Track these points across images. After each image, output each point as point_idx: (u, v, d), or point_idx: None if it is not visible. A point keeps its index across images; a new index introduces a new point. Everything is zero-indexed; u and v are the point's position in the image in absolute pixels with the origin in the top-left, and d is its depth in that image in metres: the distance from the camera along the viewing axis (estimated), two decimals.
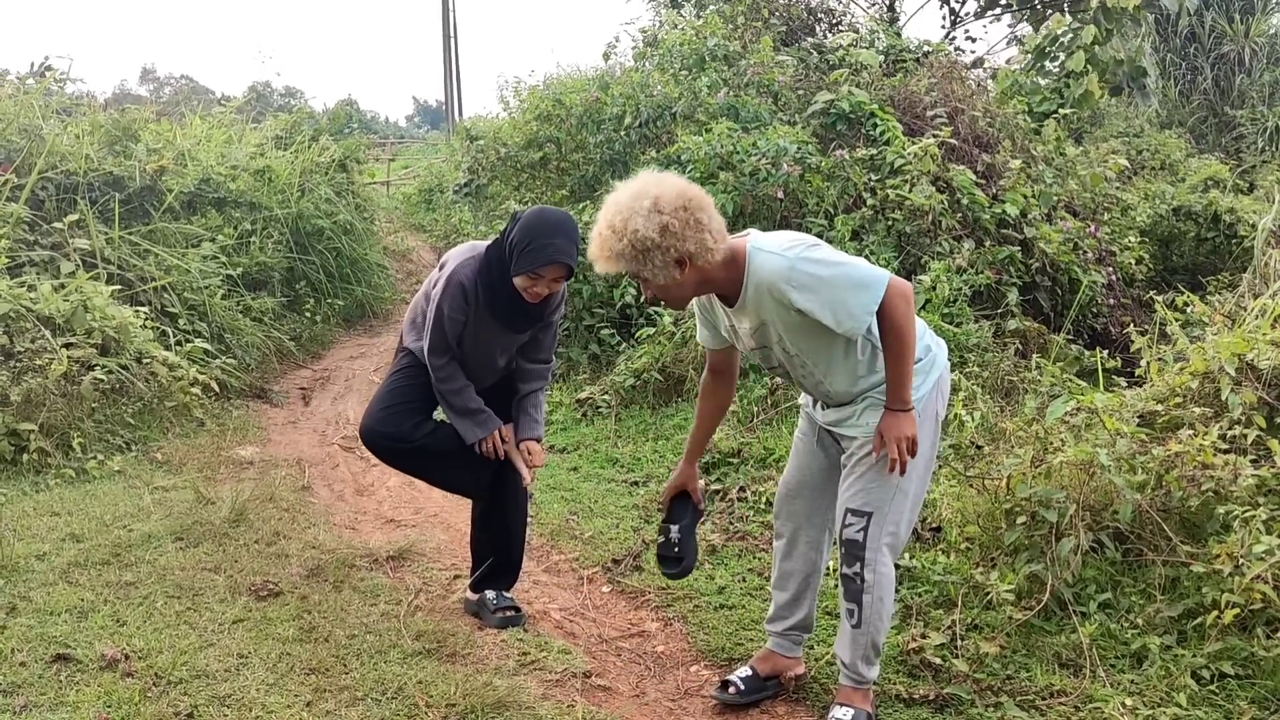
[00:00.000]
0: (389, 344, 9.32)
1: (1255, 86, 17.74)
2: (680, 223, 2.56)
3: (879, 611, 2.79)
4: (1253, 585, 2.92)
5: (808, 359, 2.76)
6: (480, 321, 3.40)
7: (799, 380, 2.87)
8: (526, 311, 3.40)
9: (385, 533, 4.79)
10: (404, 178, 22.41)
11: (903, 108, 7.88)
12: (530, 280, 3.24)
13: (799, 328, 2.69)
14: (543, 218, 3.30)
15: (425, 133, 47.08)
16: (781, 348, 2.77)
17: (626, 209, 2.59)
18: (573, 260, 3.25)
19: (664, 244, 2.55)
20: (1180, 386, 4.02)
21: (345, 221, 10.18)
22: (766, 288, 2.64)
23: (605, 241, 2.62)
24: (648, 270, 2.60)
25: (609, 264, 2.66)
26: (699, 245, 2.58)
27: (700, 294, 2.78)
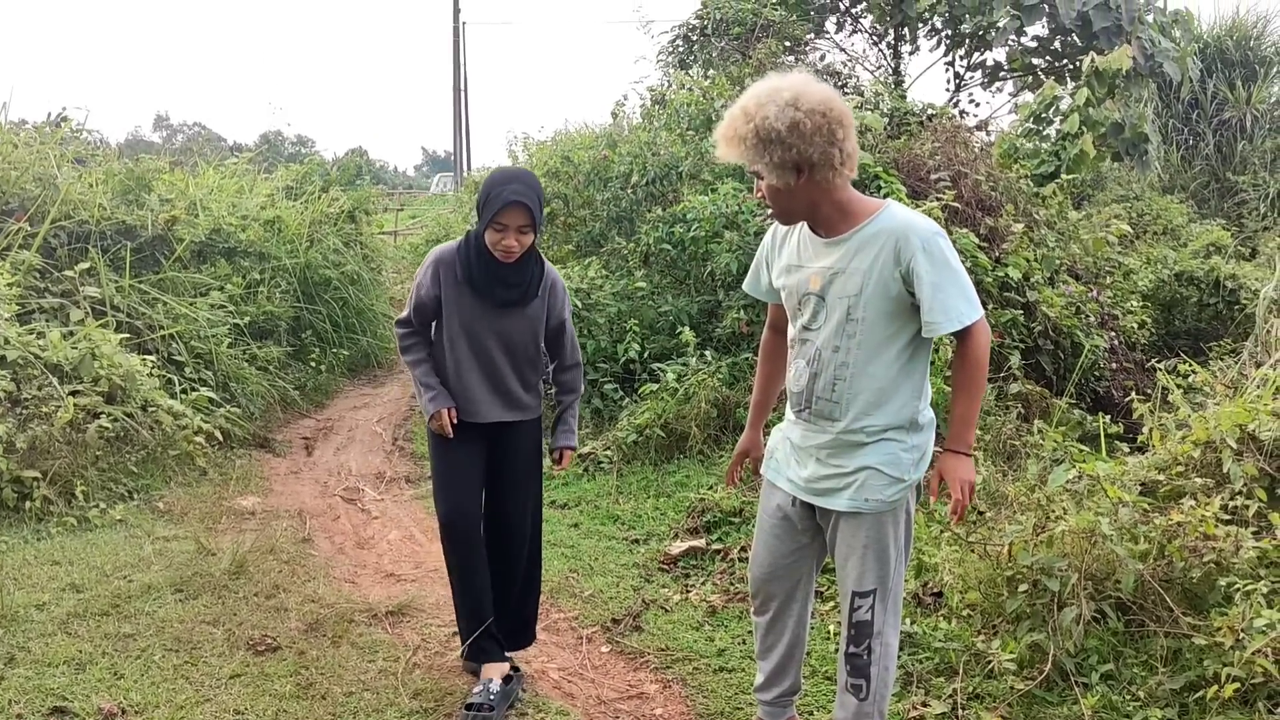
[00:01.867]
0: (393, 394, 9.34)
1: (1257, 153, 17.89)
2: (813, 125, 2.41)
3: (885, 680, 2.76)
4: (1254, 659, 2.91)
5: (860, 336, 2.55)
6: (463, 300, 3.41)
7: (817, 366, 2.64)
8: (504, 278, 3.38)
9: (385, 587, 4.78)
10: (412, 228, 22.60)
11: (907, 170, 7.98)
12: (496, 233, 3.27)
13: (883, 296, 2.52)
14: (501, 171, 3.47)
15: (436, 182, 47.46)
16: (845, 306, 2.56)
17: (764, 95, 2.45)
18: (530, 201, 3.25)
19: (789, 140, 2.41)
20: (1182, 455, 4.03)
21: (352, 272, 10.26)
22: (896, 232, 2.50)
23: (733, 122, 2.49)
24: (764, 164, 2.46)
25: (730, 147, 2.52)
26: (823, 156, 2.44)
27: (808, 216, 2.60)
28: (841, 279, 2.55)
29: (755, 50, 10.37)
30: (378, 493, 6.41)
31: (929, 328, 2.52)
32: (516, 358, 3.53)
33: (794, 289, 2.67)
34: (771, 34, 10.95)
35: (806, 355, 2.66)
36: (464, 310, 3.42)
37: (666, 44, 12.11)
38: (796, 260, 2.68)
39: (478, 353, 3.47)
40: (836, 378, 2.60)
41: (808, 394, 2.67)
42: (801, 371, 2.68)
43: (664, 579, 4.75)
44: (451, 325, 3.44)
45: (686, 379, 6.64)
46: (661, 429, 6.48)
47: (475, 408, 3.50)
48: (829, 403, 2.62)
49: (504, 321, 3.46)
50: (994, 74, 15.08)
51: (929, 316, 2.50)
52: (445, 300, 3.42)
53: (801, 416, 2.71)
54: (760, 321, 7.12)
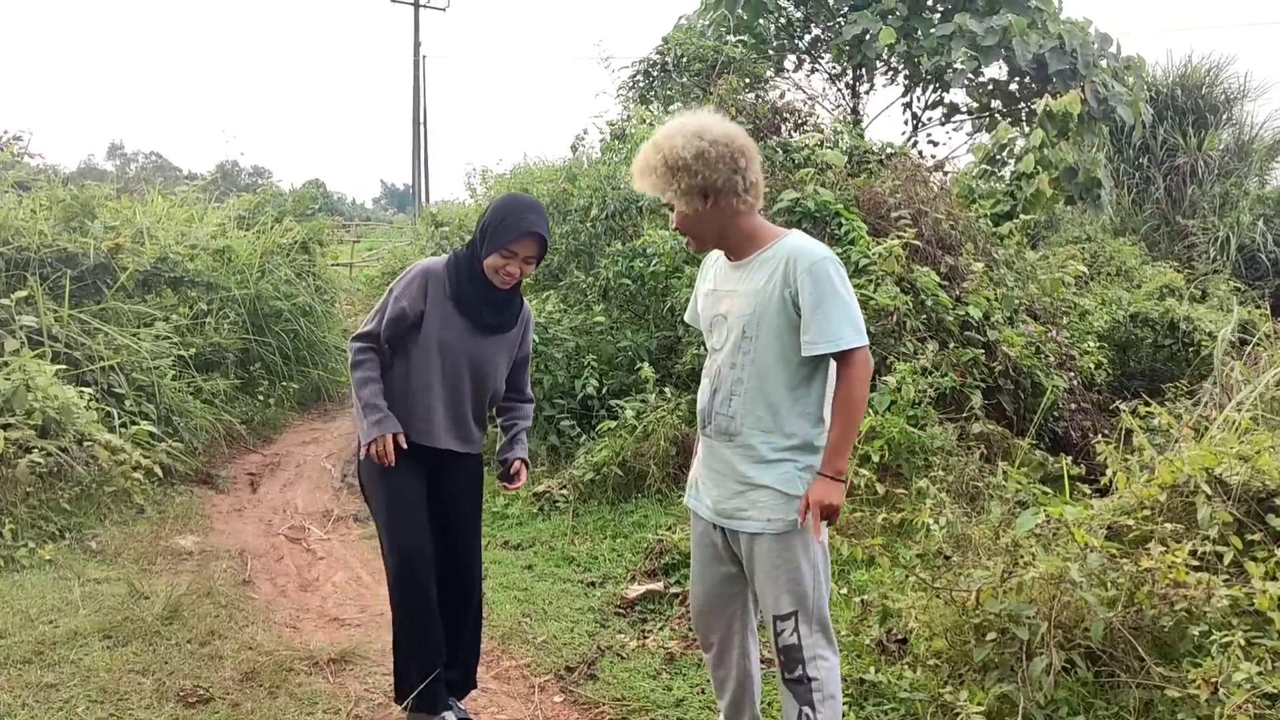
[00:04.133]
0: (344, 429, 9.11)
1: (1206, 198, 18.22)
2: (717, 154, 2.60)
3: (834, 710, 2.72)
4: (1234, 715, 2.81)
5: (754, 354, 2.68)
6: (447, 317, 3.34)
7: (717, 383, 2.77)
8: (493, 303, 3.37)
9: (328, 632, 4.57)
10: (368, 260, 22.33)
11: (867, 208, 7.93)
12: (503, 258, 3.26)
13: (775, 315, 2.65)
14: (516, 198, 3.44)
15: (392, 215, 47.26)
16: (740, 326, 2.70)
17: (673, 129, 2.65)
18: (545, 233, 3.32)
19: (694, 168, 2.59)
20: (1149, 499, 3.95)
21: (304, 303, 10.05)
22: (787, 256, 2.64)
23: (645, 155, 2.67)
24: (673, 190, 2.63)
25: (643, 178, 2.69)
26: (727, 183, 2.61)
27: (719, 242, 2.77)
28: (739, 300, 2.71)
29: (715, 87, 10.35)
30: (324, 532, 6.19)
31: (806, 347, 2.63)
32: (482, 387, 3.47)
33: (707, 311, 2.85)
34: (732, 71, 10.95)
35: (710, 373, 2.81)
36: (446, 328, 3.34)
37: (627, 79, 12.08)
38: (713, 285, 2.85)
39: (448, 374, 3.37)
40: (732, 394, 2.72)
41: (709, 409, 2.79)
42: (704, 388, 2.82)
43: (620, 624, 4.58)
44: (429, 341, 3.34)
45: (645, 416, 6.50)
46: (619, 467, 6.32)
47: (432, 431, 3.38)
48: (726, 418, 2.74)
49: (481, 347, 3.41)
50: (951, 113, 15.23)
51: (806, 336, 2.62)
52: (429, 314, 3.33)
53: (705, 433, 2.83)
54: None
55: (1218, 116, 18.90)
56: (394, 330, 3.34)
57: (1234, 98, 18.92)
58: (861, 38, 12.41)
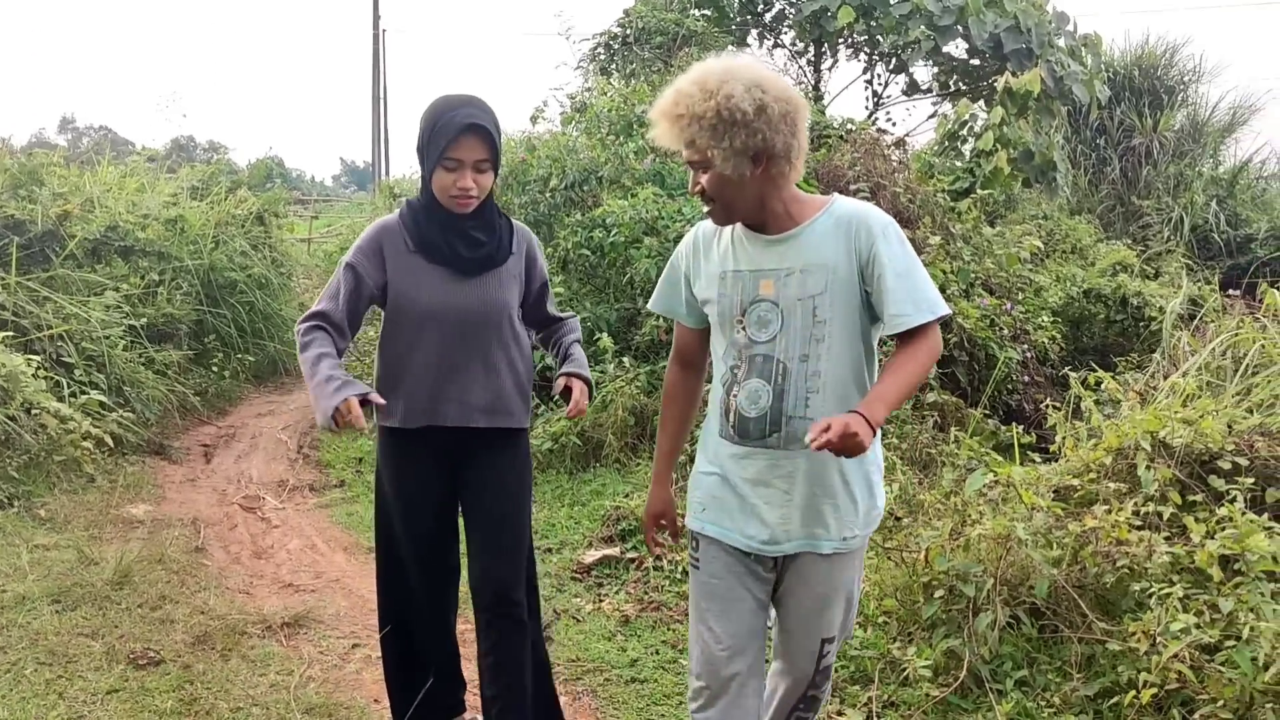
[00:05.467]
0: (300, 401, 9.03)
1: (1160, 178, 18.48)
2: (779, 113, 2.12)
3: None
4: (1170, 665, 2.88)
5: (828, 340, 2.20)
6: (419, 276, 2.72)
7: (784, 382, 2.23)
8: (465, 235, 2.73)
9: (282, 598, 4.54)
10: (326, 236, 22.11)
11: (827, 181, 7.98)
12: (448, 172, 2.64)
13: (847, 290, 2.20)
14: (444, 98, 2.71)
15: (352, 193, 46.78)
16: (809, 308, 2.21)
17: (724, 72, 2.13)
18: (489, 126, 2.64)
19: (755, 125, 2.09)
20: (1095, 462, 4.03)
21: (260, 275, 9.92)
22: (853, 220, 2.19)
23: (686, 97, 2.12)
24: (721, 149, 2.11)
25: (674, 126, 2.15)
26: (784, 148, 2.14)
27: (752, 214, 2.24)
28: (799, 278, 2.21)
29: (676, 59, 10.32)
30: (279, 501, 6.15)
31: (896, 321, 2.17)
32: (495, 338, 2.80)
33: (735, 298, 2.27)
34: (693, 44, 10.93)
35: (764, 372, 2.24)
36: (421, 287, 2.72)
37: (588, 51, 12.02)
38: (734, 265, 2.29)
39: (445, 339, 2.74)
40: (809, 390, 2.21)
41: (774, 416, 2.23)
42: (759, 392, 2.24)
43: (577, 588, 4.60)
44: (407, 309, 2.73)
45: (604, 387, 6.51)
46: (578, 437, 6.33)
47: (441, 408, 2.77)
48: (803, 420, 2.21)
49: (473, 292, 2.75)
50: (912, 90, 15.31)
51: (897, 309, 2.16)
52: (395, 279, 2.72)
53: (762, 446, 2.26)
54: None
55: (1173, 98, 19.15)
56: (353, 305, 2.73)
57: (1189, 79, 19.17)
58: (821, 14, 12.42)
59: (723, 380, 2.32)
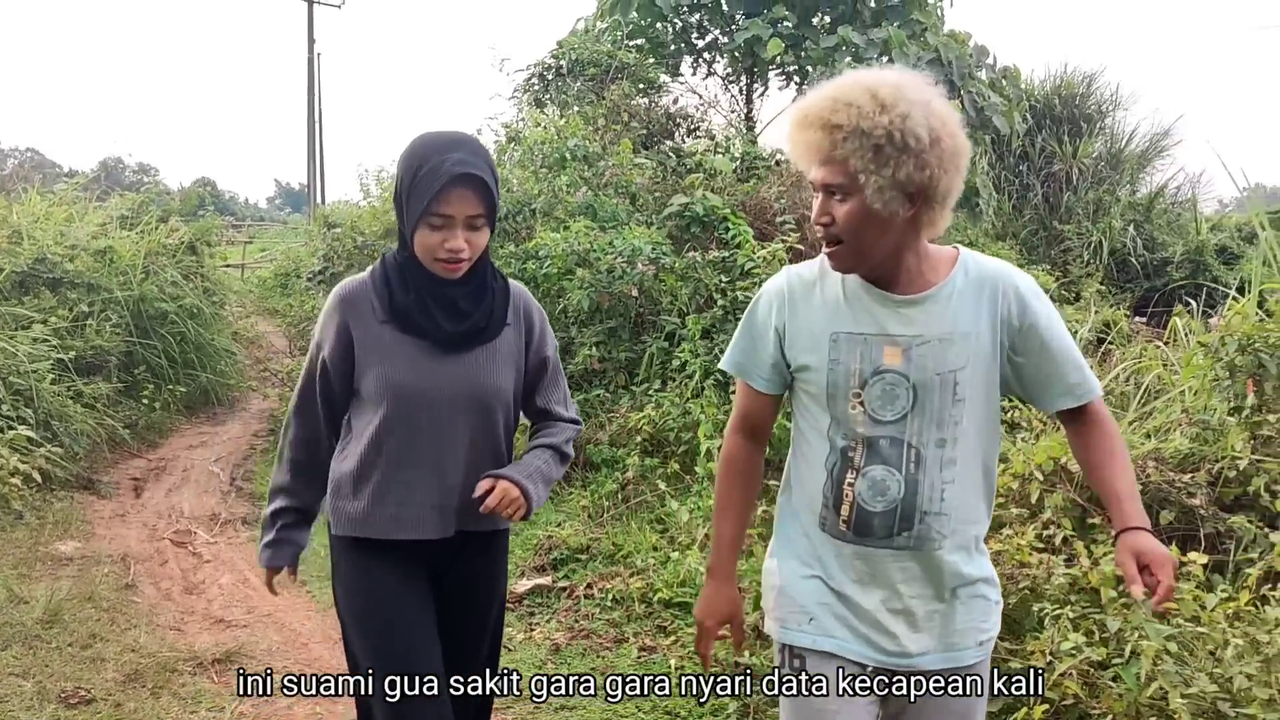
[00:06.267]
0: (232, 433, 9.00)
1: (1081, 204, 19.11)
2: (950, 149, 1.79)
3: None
4: (1061, 681, 3.06)
5: (966, 422, 1.89)
6: (387, 349, 2.22)
7: (917, 471, 1.88)
8: (453, 301, 2.23)
9: (213, 634, 4.57)
10: (260, 261, 21.95)
11: (754, 213, 8.20)
12: (433, 231, 2.14)
13: (989, 366, 1.89)
14: (428, 138, 2.20)
15: (288, 216, 46.36)
16: (948, 384, 1.87)
17: (898, 86, 1.78)
18: (485, 175, 2.15)
19: (925, 156, 1.75)
20: (1002, 487, 4.23)
21: (192, 305, 9.87)
22: (999, 281, 1.90)
23: (851, 106, 1.76)
24: (880, 176, 1.75)
25: (829, 139, 1.78)
26: (945, 193, 1.81)
27: (878, 264, 1.88)
28: (937, 348, 1.86)
29: (608, 91, 10.51)
30: (211, 535, 6.14)
31: (1079, 391, 1.91)
32: (489, 428, 2.33)
33: (852, 366, 1.90)
34: (625, 76, 11.13)
35: (891, 458, 1.89)
36: (392, 364, 2.22)
37: (522, 82, 12.16)
38: (850, 326, 1.91)
39: (421, 430, 2.24)
40: (945, 481, 1.89)
41: (905, 511, 1.89)
42: (884, 482, 1.89)
43: (508, 617, 4.68)
44: (376, 392, 2.23)
45: None
46: None
47: (418, 516, 2.26)
48: (938, 517, 1.89)
49: (461, 372, 2.25)
50: None
51: (1079, 376, 1.90)
52: (363, 356, 2.24)
53: (888, 546, 1.91)
54: (612, 359, 7.19)
55: (1092, 125, 19.83)
56: (325, 389, 2.31)
57: (1106, 108, 19.86)
58: (753, 43, 12.71)
59: (828, 464, 1.94)
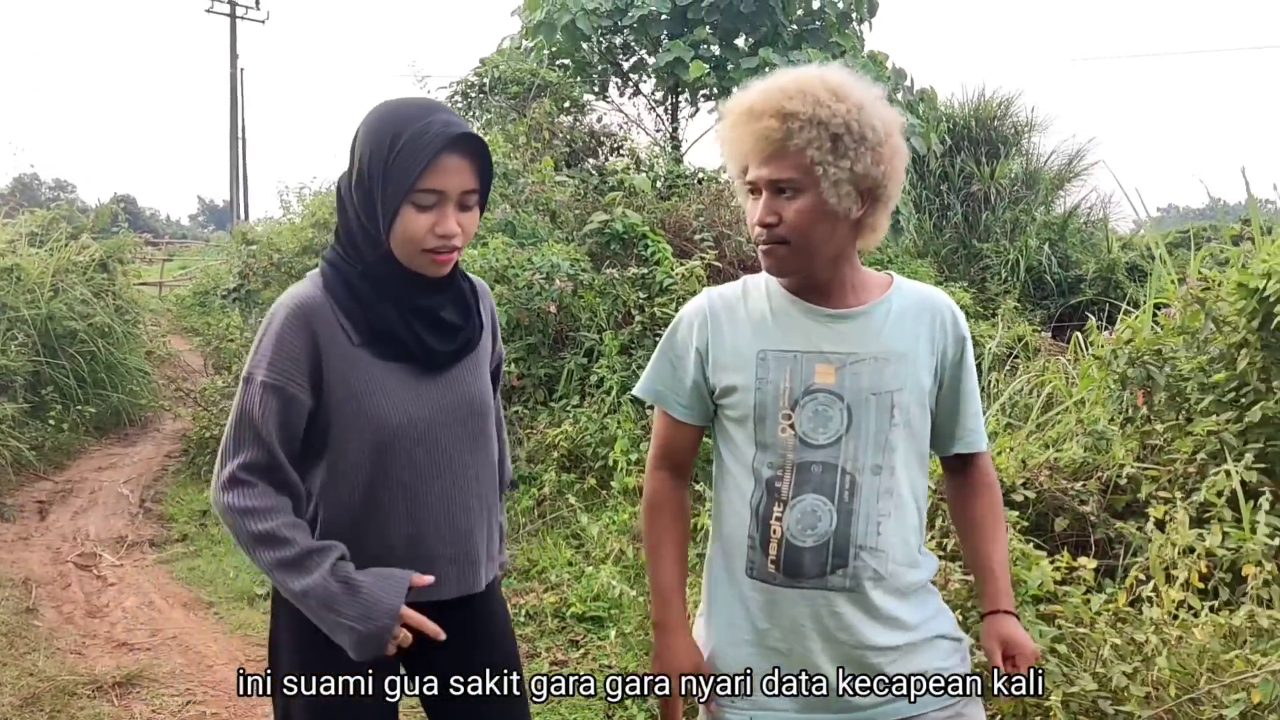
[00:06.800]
0: (144, 454, 8.80)
1: (999, 223, 19.61)
2: (898, 150, 1.69)
3: None
4: None
5: (902, 448, 1.74)
6: (373, 378, 1.76)
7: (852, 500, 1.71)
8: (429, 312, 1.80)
9: (115, 657, 4.46)
10: (180, 279, 21.52)
11: (674, 230, 8.28)
12: (425, 213, 1.70)
13: (923, 391, 1.77)
14: (395, 102, 1.77)
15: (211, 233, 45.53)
16: (885, 405, 1.72)
17: (848, 79, 1.67)
18: (478, 140, 1.76)
19: (881, 151, 1.65)
20: None
21: (103, 324, 9.64)
22: (939, 307, 1.80)
23: (805, 95, 1.62)
24: (838, 168, 1.62)
25: (782, 127, 1.62)
26: (891, 195, 1.72)
27: (818, 270, 1.74)
28: (872, 366, 1.72)
29: (531, 109, 10.54)
30: (117, 558, 6.00)
31: (973, 439, 1.84)
32: (488, 450, 1.93)
33: (781, 385, 1.73)
34: (548, 95, 11.17)
35: (824, 486, 1.70)
36: (384, 398, 1.76)
37: (444, 99, 12.12)
38: (778, 343, 1.75)
39: (417, 476, 1.80)
40: (880, 514, 1.72)
41: (838, 545, 1.70)
42: (815, 513, 1.70)
43: None
44: (362, 437, 1.76)
45: None
46: None
47: (436, 574, 1.81)
48: (874, 553, 1.71)
49: (452, 391, 1.84)
50: None
51: (972, 423, 1.84)
52: (339, 393, 1.74)
53: (820, 586, 1.71)
54: (531, 375, 7.20)
55: (1009, 147, 20.39)
56: (290, 434, 1.73)
57: (1023, 130, 20.44)
58: (676, 64, 12.86)
59: (752, 501, 1.74)
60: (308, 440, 1.77)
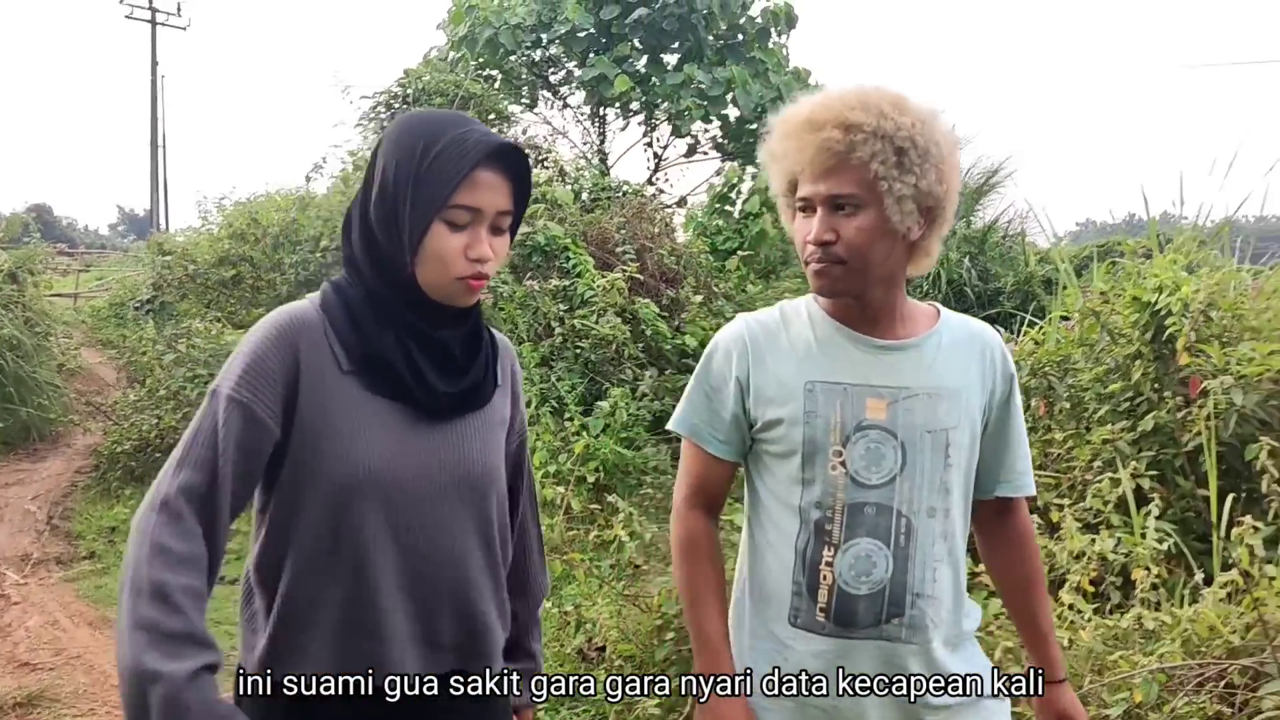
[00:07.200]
0: (53, 469, 8.56)
1: None
2: (954, 168, 1.60)
3: None
4: None
5: (956, 490, 1.63)
6: (356, 414, 1.44)
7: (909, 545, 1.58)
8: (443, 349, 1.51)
9: (17, 677, 4.35)
10: (96, 291, 20.98)
11: (596, 243, 8.33)
12: (457, 233, 1.44)
13: (972, 427, 1.65)
14: (425, 113, 1.53)
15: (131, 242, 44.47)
16: (939, 444, 1.61)
17: (905, 95, 1.59)
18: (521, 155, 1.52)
19: (944, 168, 1.56)
20: None
21: (10, 336, 9.37)
22: (989, 342, 1.70)
23: (868, 107, 1.53)
24: (903, 184, 1.52)
25: (845, 139, 1.51)
26: (947, 218, 1.61)
27: (871, 296, 1.61)
28: (926, 403, 1.61)
29: None
30: (21, 576, 5.84)
31: (1015, 482, 1.74)
32: (486, 527, 1.56)
33: (832, 419, 1.60)
34: (472, 106, 11.16)
35: (878, 529, 1.58)
36: (369, 437, 1.45)
37: (368, 110, 12.05)
38: (827, 374, 1.62)
39: (399, 539, 1.47)
40: (936, 560, 1.60)
41: (894, 595, 1.57)
42: (870, 558, 1.57)
43: None
44: (330, 484, 1.43)
45: None
46: None
47: (391, 655, 1.47)
48: (930, 600, 1.59)
49: (452, 447, 1.52)
50: (691, 152, 16.08)
51: (1021, 465, 1.74)
52: (314, 419, 1.43)
53: (876, 637, 1.59)
54: None
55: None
56: (244, 470, 1.40)
57: None
58: (600, 80, 12.95)
59: (798, 544, 1.61)
60: (266, 479, 1.47)
